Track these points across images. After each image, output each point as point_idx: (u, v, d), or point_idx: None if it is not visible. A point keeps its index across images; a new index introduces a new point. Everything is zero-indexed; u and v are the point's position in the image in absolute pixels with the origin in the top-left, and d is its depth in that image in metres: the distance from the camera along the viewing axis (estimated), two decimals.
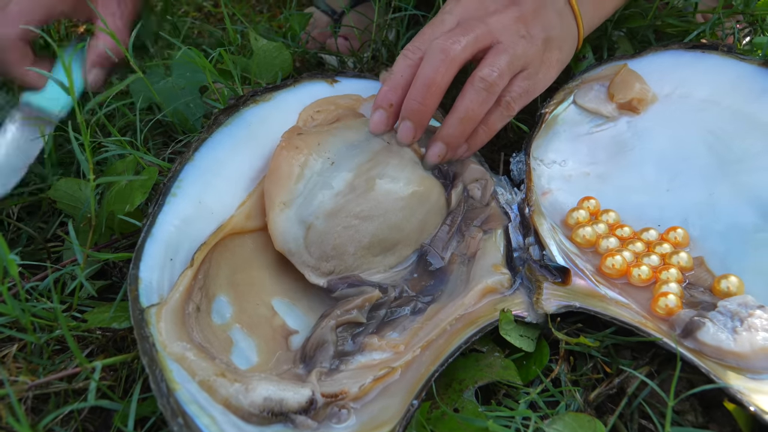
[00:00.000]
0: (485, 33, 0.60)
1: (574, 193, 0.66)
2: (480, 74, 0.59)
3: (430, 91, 0.58)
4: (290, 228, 0.58)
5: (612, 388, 0.51)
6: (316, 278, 0.57)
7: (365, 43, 0.90)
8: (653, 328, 0.51)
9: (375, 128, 0.62)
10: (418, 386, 0.47)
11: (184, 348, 0.46)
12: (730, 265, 0.58)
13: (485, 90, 0.59)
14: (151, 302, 0.49)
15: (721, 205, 0.62)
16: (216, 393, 0.44)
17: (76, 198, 0.63)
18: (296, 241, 0.58)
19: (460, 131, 0.61)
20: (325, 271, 0.58)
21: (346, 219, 0.58)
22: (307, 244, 0.58)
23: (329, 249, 0.57)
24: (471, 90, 0.59)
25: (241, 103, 0.66)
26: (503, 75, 0.59)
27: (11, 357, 0.51)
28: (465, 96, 0.60)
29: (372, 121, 0.62)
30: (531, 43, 0.61)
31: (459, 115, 0.60)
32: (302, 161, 0.61)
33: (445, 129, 0.61)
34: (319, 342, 0.51)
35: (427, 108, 0.59)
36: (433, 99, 0.59)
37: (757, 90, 0.65)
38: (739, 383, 0.47)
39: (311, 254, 0.58)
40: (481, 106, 0.60)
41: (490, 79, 0.59)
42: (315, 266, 0.58)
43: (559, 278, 0.56)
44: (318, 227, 0.58)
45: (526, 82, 0.62)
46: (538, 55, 0.62)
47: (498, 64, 0.59)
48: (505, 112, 0.63)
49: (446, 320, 0.53)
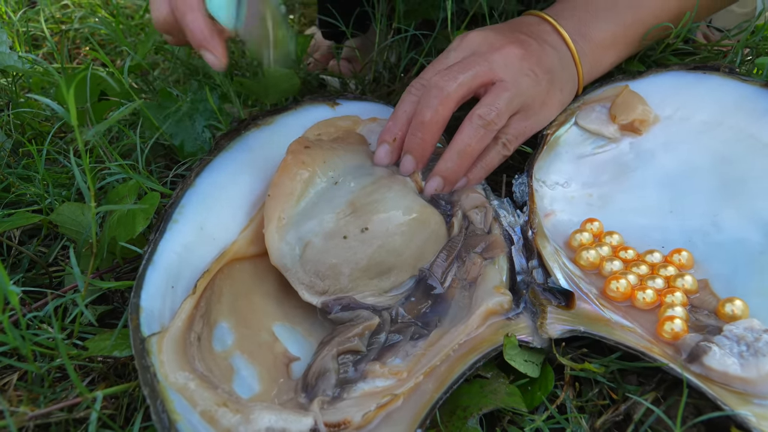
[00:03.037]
0: (486, 70, 0.61)
1: (577, 214, 0.66)
2: (478, 112, 0.60)
3: (428, 127, 0.60)
4: (288, 243, 0.58)
5: (618, 414, 0.50)
6: (309, 296, 0.57)
7: (367, 64, 0.90)
8: (659, 353, 0.50)
9: (379, 161, 0.64)
10: (422, 414, 0.47)
11: (186, 378, 0.46)
12: (735, 287, 0.57)
13: (482, 127, 0.60)
14: (153, 331, 0.49)
15: (726, 226, 0.62)
16: (218, 423, 0.44)
17: (78, 222, 0.63)
18: (292, 258, 0.57)
19: (458, 166, 0.62)
20: (319, 290, 0.57)
21: (345, 240, 0.58)
22: (303, 261, 0.57)
23: (325, 268, 0.57)
24: (469, 126, 0.61)
25: (242, 128, 0.66)
26: (501, 114, 0.60)
27: (12, 386, 0.50)
28: (463, 132, 0.61)
29: (376, 155, 0.64)
30: (535, 82, 0.62)
31: (456, 150, 0.61)
32: (306, 178, 0.61)
33: (442, 163, 0.62)
34: (320, 371, 0.51)
35: (426, 143, 0.61)
36: (430, 135, 0.61)
37: (759, 111, 0.65)
38: (746, 409, 0.46)
39: (306, 272, 0.57)
40: (479, 143, 0.61)
41: (487, 117, 0.60)
42: (309, 284, 0.57)
43: (564, 302, 0.56)
44: (316, 245, 0.58)
45: (525, 123, 0.64)
46: (541, 94, 0.63)
47: (497, 103, 0.60)
48: (502, 151, 0.64)
49: (449, 346, 0.53)
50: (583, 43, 0.68)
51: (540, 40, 0.66)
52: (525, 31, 0.66)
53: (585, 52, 0.68)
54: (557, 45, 0.67)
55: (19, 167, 0.73)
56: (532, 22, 0.69)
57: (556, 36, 0.67)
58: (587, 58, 0.68)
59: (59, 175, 0.72)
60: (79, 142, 0.50)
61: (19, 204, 0.70)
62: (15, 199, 0.70)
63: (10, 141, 0.77)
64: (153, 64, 0.97)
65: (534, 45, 0.64)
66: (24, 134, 0.80)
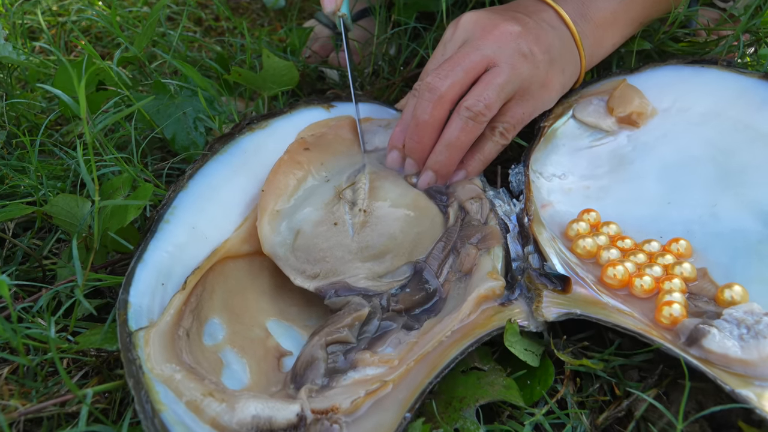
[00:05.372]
0: (477, 60, 0.59)
1: (575, 206, 0.65)
2: (465, 104, 0.59)
3: (423, 130, 0.61)
4: (279, 232, 0.58)
5: (620, 410, 0.49)
6: (302, 281, 0.57)
7: (366, 57, 0.89)
8: (658, 336, 0.50)
9: (391, 166, 0.66)
10: (412, 399, 0.46)
11: (172, 369, 0.46)
12: (734, 276, 0.56)
13: (471, 119, 0.59)
14: (140, 326, 0.49)
15: (724, 216, 0.61)
16: (203, 413, 0.44)
17: (73, 214, 0.62)
18: (284, 246, 0.58)
19: (447, 159, 0.62)
20: (311, 275, 0.57)
21: (335, 226, 0.58)
22: (295, 248, 0.58)
23: (317, 252, 0.57)
24: (456, 119, 0.60)
25: (237, 131, 0.66)
26: (491, 105, 0.59)
27: (3, 379, 0.50)
28: (451, 125, 0.60)
29: (388, 160, 0.66)
30: (533, 62, 0.61)
31: (445, 144, 0.61)
32: (300, 176, 0.62)
33: (433, 157, 0.62)
34: (308, 360, 0.50)
35: (423, 145, 0.62)
36: (428, 137, 0.61)
37: (757, 101, 0.65)
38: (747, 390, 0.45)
39: (298, 258, 0.57)
40: (468, 135, 0.60)
41: (475, 109, 0.59)
42: (301, 270, 0.57)
43: (560, 286, 0.55)
44: (306, 232, 0.58)
45: (522, 108, 0.62)
46: (540, 75, 0.62)
47: (486, 94, 0.59)
48: (500, 140, 0.63)
49: (442, 332, 0.52)
50: (584, 23, 0.66)
51: (537, 18, 0.64)
52: (522, 10, 0.65)
53: (586, 34, 0.66)
54: (556, 25, 0.65)
55: (13, 158, 0.72)
56: (528, 3, 0.67)
57: (554, 16, 0.65)
58: (588, 40, 0.66)
59: (53, 167, 0.72)
60: (87, 134, 0.50)
61: (13, 196, 0.69)
62: (9, 191, 0.69)
63: (4, 132, 0.77)
64: (151, 57, 0.97)
65: (531, 23, 0.62)
66: (19, 126, 0.79)
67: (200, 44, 1.03)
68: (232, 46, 1.01)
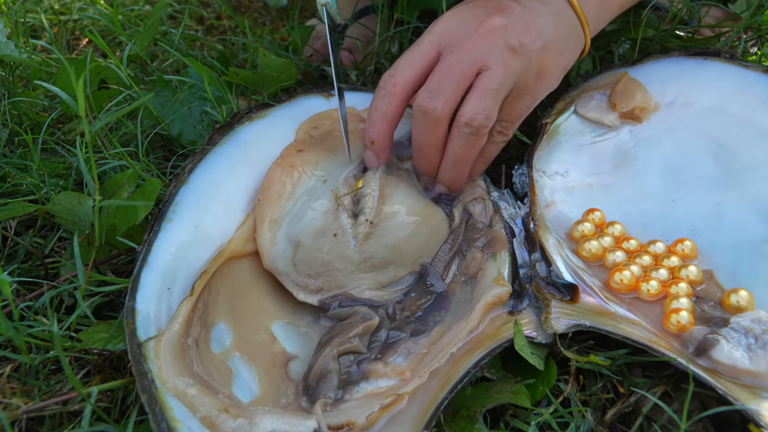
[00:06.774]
0: (467, 70, 0.57)
1: (578, 204, 0.65)
2: (464, 119, 0.57)
3: (429, 153, 0.60)
4: (279, 246, 0.57)
5: (628, 405, 0.49)
6: (305, 296, 0.56)
7: (368, 55, 0.89)
8: (666, 347, 0.50)
9: (369, 166, 0.64)
10: (428, 415, 0.46)
11: (185, 384, 0.44)
12: (739, 277, 0.56)
13: (472, 134, 0.57)
14: (149, 335, 0.47)
15: (728, 215, 0.61)
16: (219, 430, 0.43)
17: (75, 212, 0.62)
18: (284, 260, 0.57)
19: (457, 174, 0.61)
20: (313, 289, 0.56)
21: (335, 237, 0.57)
22: (296, 262, 0.57)
23: (318, 265, 0.57)
24: (458, 136, 0.58)
25: (236, 121, 0.65)
26: (491, 116, 0.57)
27: (5, 377, 0.50)
28: (453, 142, 0.59)
29: (366, 161, 0.64)
30: (524, 55, 0.57)
31: (451, 162, 0.60)
32: (295, 179, 0.61)
33: (442, 174, 0.62)
34: (321, 373, 0.50)
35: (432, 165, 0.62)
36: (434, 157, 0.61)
37: (762, 96, 0.64)
38: (756, 403, 0.45)
39: (299, 273, 0.57)
40: (472, 149, 0.59)
41: (475, 124, 0.56)
42: (303, 284, 0.57)
43: (568, 296, 0.54)
44: (306, 244, 0.57)
45: (518, 104, 0.60)
46: (533, 66, 0.58)
47: (483, 104, 0.56)
48: (499, 140, 0.62)
49: (452, 343, 0.52)
50: None
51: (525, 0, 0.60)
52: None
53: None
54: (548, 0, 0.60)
55: (15, 157, 0.72)
56: None
57: None
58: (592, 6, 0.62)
59: (56, 165, 0.72)
60: (86, 132, 0.50)
61: (16, 194, 0.69)
62: (11, 189, 0.69)
63: (7, 131, 0.76)
64: (152, 56, 0.96)
65: (517, 8, 0.58)
66: (21, 124, 0.79)
67: (202, 43, 1.03)
68: (234, 45, 1.01)
